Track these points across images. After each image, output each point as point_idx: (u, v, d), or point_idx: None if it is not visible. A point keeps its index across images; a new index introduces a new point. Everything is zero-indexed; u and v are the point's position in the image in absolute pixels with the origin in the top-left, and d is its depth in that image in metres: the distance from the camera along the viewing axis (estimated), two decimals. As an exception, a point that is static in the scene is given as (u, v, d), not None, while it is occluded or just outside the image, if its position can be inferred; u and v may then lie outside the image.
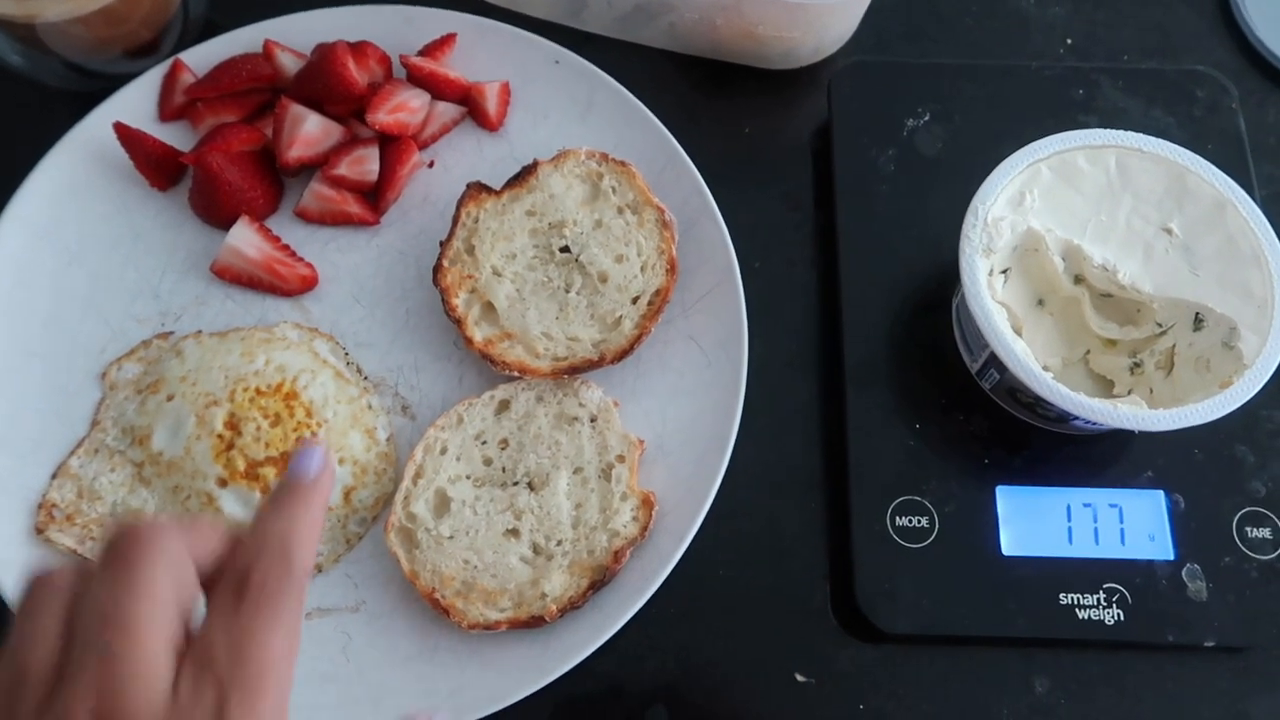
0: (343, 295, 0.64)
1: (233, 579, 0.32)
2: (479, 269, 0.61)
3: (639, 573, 0.56)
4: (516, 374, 0.59)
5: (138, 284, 0.64)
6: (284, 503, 0.35)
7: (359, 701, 0.54)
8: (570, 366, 0.59)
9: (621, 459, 0.57)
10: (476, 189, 0.62)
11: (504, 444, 0.58)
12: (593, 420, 0.58)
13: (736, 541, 0.59)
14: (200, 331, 0.62)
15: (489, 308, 0.61)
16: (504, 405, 0.59)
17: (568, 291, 0.60)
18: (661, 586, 0.55)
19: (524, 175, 0.63)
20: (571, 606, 0.54)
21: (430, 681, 0.54)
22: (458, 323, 0.60)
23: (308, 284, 0.63)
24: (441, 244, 0.62)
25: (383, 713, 0.54)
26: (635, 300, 0.60)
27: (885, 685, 0.56)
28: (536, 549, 0.56)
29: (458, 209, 0.62)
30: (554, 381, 0.59)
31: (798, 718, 0.56)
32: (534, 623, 0.54)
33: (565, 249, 0.61)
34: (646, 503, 0.56)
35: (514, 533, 0.56)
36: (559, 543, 0.56)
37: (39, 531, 0.56)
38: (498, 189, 0.62)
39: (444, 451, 0.58)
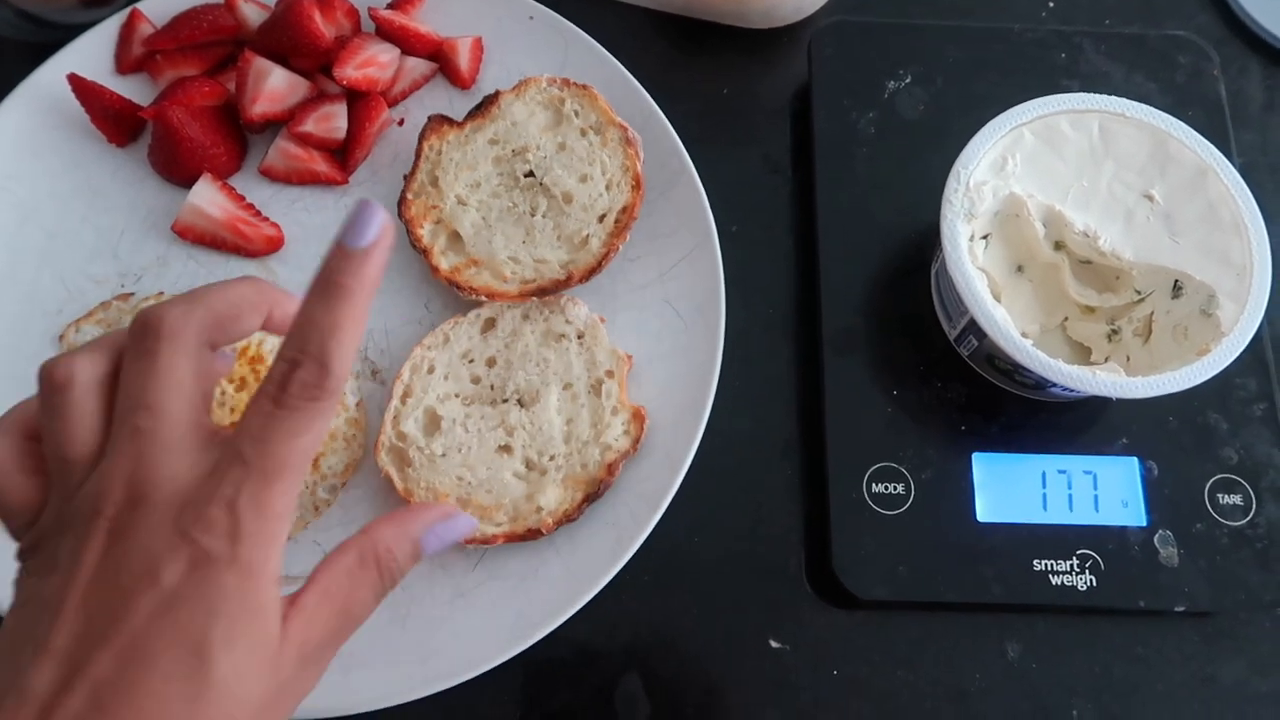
0: (310, 256, 0.62)
1: (274, 378, 0.34)
2: (443, 199, 0.60)
3: (613, 539, 0.55)
4: (485, 299, 0.58)
5: (95, 243, 0.61)
6: (331, 290, 0.34)
7: (328, 670, 0.53)
8: (538, 288, 0.58)
9: (610, 374, 0.57)
10: (438, 121, 0.62)
11: (491, 362, 0.58)
12: (580, 336, 0.58)
13: (711, 508, 0.59)
14: (162, 293, 0.60)
15: (455, 237, 0.60)
16: (490, 323, 0.59)
17: (533, 215, 0.60)
18: (635, 553, 0.55)
19: (485, 105, 0.62)
20: (566, 519, 0.54)
21: (401, 651, 0.54)
22: (424, 253, 0.59)
23: (273, 245, 0.61)
24: (405, 178, 0.61)
25: (350, 683, 0.53)
26: (601, 218, 0.59)
27: (860, 651, 0.56)
28: (529, 464, 0.56)
29: (420, 142, 0.61)
30: (539, 300, 0.59)
31: (772, 684, 0.56)
32: (530, 535, 0.54)
33: (529, 174, 0.61)
34: (637, 416, 0.56)
35: (506, 449, 0.56)
36: (552, 457, 0.56)
37: (-5, 498, 0.55)
38: (459, 121, 0.62)
39: (431, 370, 0.57)
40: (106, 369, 0.36)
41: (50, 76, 0.62)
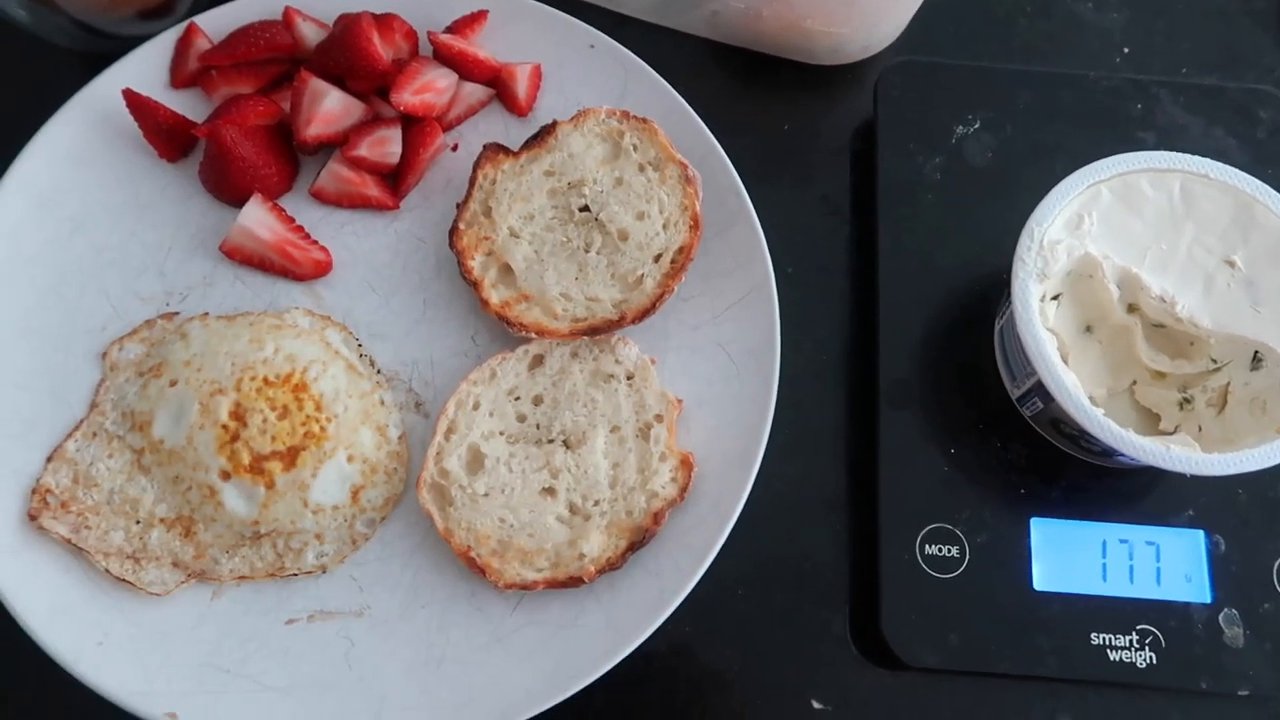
0: (357, 282, 0.61)
1: None
2: (496, 231, 0.59)
3: (656, 590, 0.54)
4: (534, 336, 0.57)
5: (142, 260, 0.61)
6: None
7: (359, 713, 0.52)
8: (590, 327, 0.57)
9: (660, 418, 0.56)
10: (493, 150, 0.60)
11: (538, 400, 0.57)
12: (629, 378, 0.57)
13: (756, 561, 0.57)
14: (207, 314, 0.59)
15: (506, 270, 0.59)
16: (538, 360, 0.58)
17: (587, 251, 0.59)
18: (677, 606, 0.53)
19: (542, 135, 0.60)
20: (610, 567, 0.53)
21: (435, 694, 0.52)
22: (474, 285, 0.58)
23: (321, 269, 0.60)
24: (458, 206, 0.59)
25: (384, 724, 0.52)
26: (658, 258, 0.58)
27: (904, 716, 0.55)
28: (573, 509, 0.55)
29: (474, 171, 0.60)
30: (589, 338, 0.57)
31: (813, 747, 0.54)
32: (571, 583, 0.52)
33: (585, 208, 0.59)
34: (685, 463, 0.55)
35: (550, 491, 0.55)
36: (596, 503, 0.54)
37: (32, 518, 0.54)
38: (515, 150, 0.60)
39: (476, 407, 0.56)
40: None
41: (105, 89, 0.62)
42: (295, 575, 0.55)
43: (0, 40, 0.65)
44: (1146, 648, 0.53)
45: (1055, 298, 0.54)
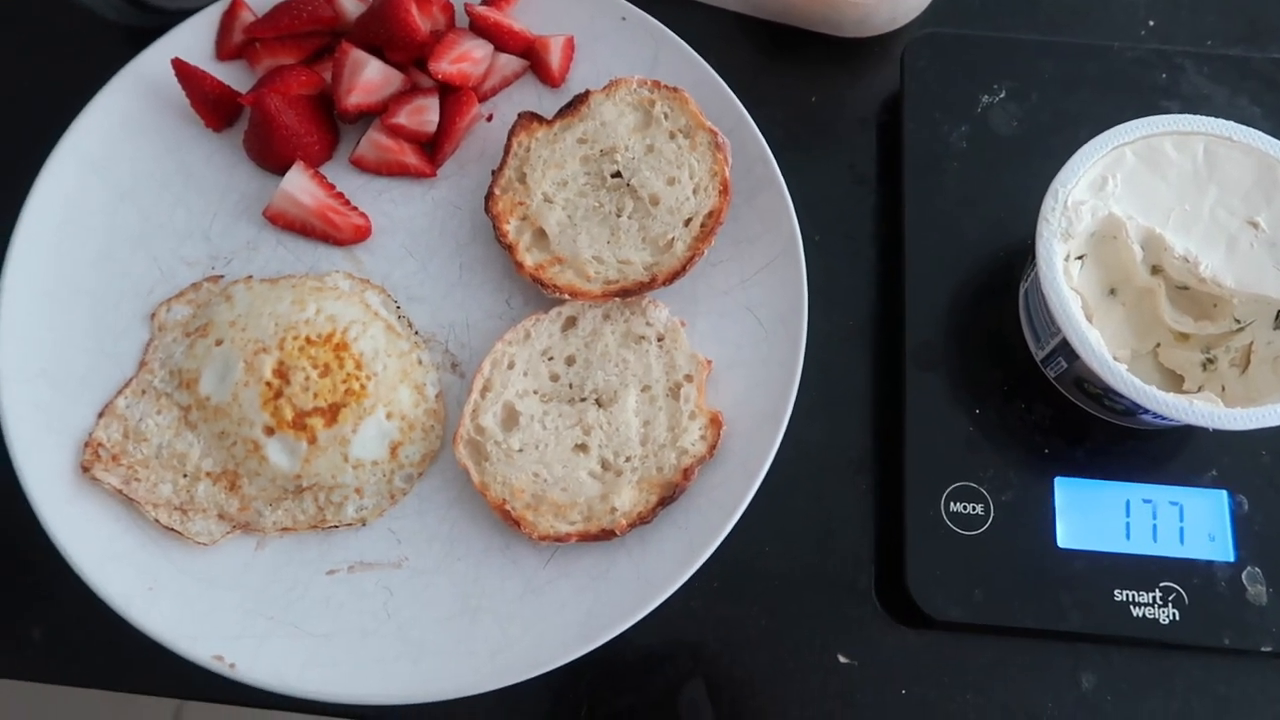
0: (396, 247, 0.62)
1: None
2: (530, 196, 0.60)
3: (685, 544, 0.55)
4: (567, 298, 0.58)
5: (188, 225, 0.63)
6: None
7: (398, 658, 0.54)
8: (622, 289, 0.58)
9: (689, 378, 0.57)
10: (528, 118, 0.62)
11: (570, 360, 0.58)
12: (660, 339, 0.58)
13: (782, 518, 0.58)
14: (251, 277, 0.61)
15: (540, 234, 0.60)
16: (571, 322, 0.59)
17: (619, 216, 0.60)
18: (706, 561, 0.54)
19: (575, 104, 0.62)
20: (640, 521, 0.54)
21: (470, 642, 0.54)
22: (509, 248, 0.59)
23: (361, 234, 0.62)
24: (493, 173, 0.61)
25: (421, 671, 0.53)
26: (688, 222, 0.59)
27: (929, 671, 0.56)
28: (605, 464, 0.56)
29: (509, 138, 0.62)
30: (621, 300, 0.59)
31: (838, 699, 0.55)
32: (604, 535, 0.54)
33: (617, 174, 0.61)
34: (715, 422, 0.56)
35: (583, 448, 0.56)
36: (628, 459, 0.56)
37: (85, 470, 0.56)
38: (549, 118, 0.62)
39: (511, 366, 0.58)
40: None
41: (153, 60, 0.64)
42: (336, 528, 0.57)
43: (53, 15, 0.67)
44: (1170, 604, 0.54)
45: (1079, 258, 0.55)
